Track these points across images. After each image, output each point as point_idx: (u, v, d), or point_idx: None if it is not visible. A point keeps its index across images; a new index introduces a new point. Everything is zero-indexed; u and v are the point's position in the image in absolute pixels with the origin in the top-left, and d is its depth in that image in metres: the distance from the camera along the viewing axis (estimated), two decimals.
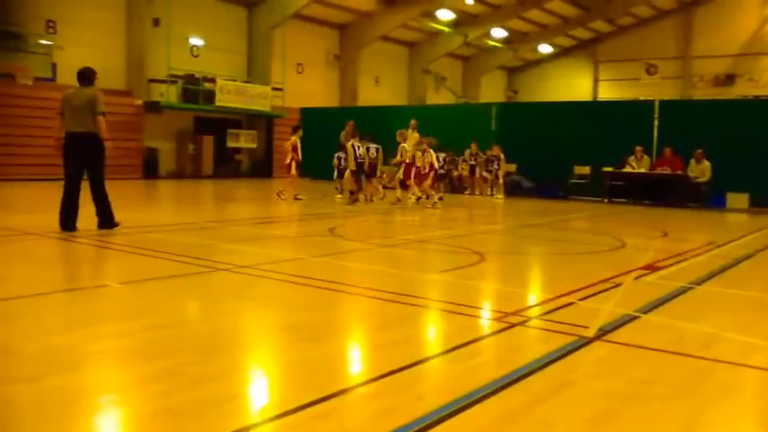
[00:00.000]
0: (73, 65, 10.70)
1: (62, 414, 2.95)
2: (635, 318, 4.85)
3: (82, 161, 8.44)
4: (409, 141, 18.05)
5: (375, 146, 14.86)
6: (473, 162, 19.23)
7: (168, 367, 3.52)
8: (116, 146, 9.24)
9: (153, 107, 22.26)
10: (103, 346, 3.98)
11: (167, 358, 3.68)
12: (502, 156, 18.49)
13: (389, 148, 16.10)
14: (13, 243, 7.87)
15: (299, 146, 14.83)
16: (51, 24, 20.33)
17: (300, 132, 15.12)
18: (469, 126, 20.80)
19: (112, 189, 8.70)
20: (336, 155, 15.88)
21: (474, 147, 19.18)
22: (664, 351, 4.08)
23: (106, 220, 8.61)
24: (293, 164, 14.80)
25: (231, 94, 24.05)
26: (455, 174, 19.87)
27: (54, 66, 19.06)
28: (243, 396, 3.35)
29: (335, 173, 16.01)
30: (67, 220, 8.37)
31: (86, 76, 8.66)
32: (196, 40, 24.70)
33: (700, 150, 16.52)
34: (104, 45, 21.65)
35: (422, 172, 14.64)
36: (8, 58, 18.66)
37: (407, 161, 15.03)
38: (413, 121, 17.91)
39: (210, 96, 23.54)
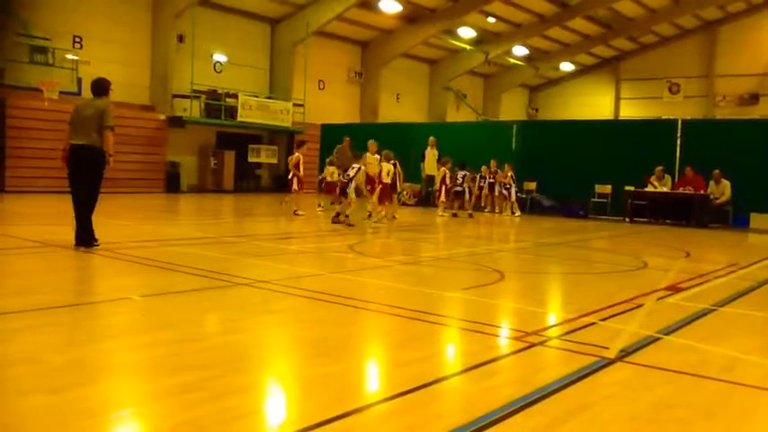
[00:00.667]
0: None
1: (83, 426, 2.98)
2: (657, 339, 4.80)
3: (80, 173, 8.15)
4: (428, 158, 18.14)
5: (391, 162, 14.74)
6: (492, 180, 19.18)
7: (189, 381, 3.54)
8: (117, 160, 8.71)
9: (176, 122, 22.56)
10: (125, 359, 4.02)
11: (188, 372, 3.71)
12: (509, 174, 18.32)
13: (409, 166, 16.09)
14: (35, 255, 7.99)
15: (301, 162, 14.95)
16: (78, 39, 20.75)
17: (305, 148, 15.20)
18: (490, 144, 20.81)
19: (135, 202, 8.78)
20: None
21: (493, 165, 19.15)
22: (686, 373, 4.04)
23: (86, 236, 8.21)
24: (295, 180, 14.98)
25: (253, 110, 24.29)
26: (475, 191, 19.81)
27: (80, 80, 19.39)
28: (263, 411, 3.37)
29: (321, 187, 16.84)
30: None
31: (101, 86, 8.38)
32: (219, 56, 25.04)
33: (717, 171, 16.46)
34: (129, 60, 22.06)
35: (376, 185, 14.19)
36: (36, 72, 19.05)
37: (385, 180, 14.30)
38: (431, 139, 17.99)
39: (233, 112, 23.82)
